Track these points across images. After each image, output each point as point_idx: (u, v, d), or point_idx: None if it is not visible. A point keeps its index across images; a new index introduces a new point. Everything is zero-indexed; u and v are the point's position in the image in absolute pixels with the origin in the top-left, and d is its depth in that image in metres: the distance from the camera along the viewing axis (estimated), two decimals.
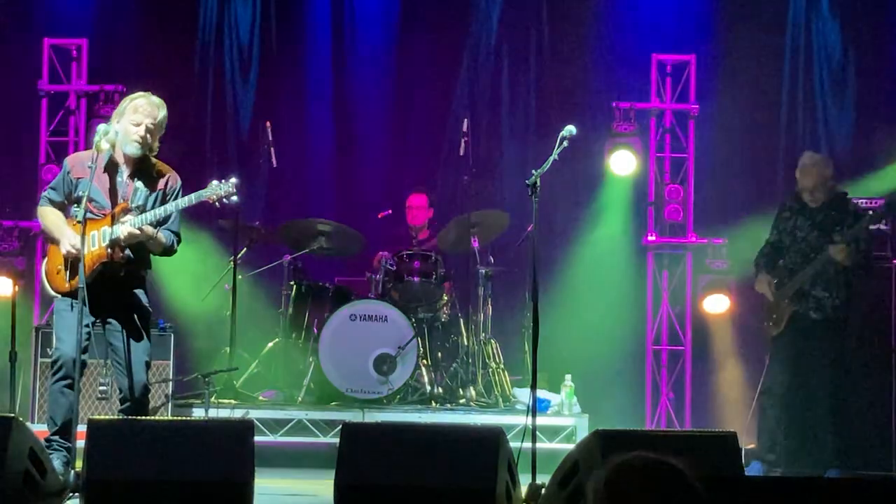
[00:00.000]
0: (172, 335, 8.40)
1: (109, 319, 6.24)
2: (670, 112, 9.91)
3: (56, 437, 6.12)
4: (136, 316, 6.28)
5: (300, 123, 10.45)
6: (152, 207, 6.22)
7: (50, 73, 9.89)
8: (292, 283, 9.04)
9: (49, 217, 6.29)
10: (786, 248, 7.83)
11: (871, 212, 7.73)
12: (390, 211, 9.63)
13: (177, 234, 6.35)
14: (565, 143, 6.16)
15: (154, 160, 6.37)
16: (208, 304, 9.21)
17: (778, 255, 7.89)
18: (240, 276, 8.86)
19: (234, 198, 6.28)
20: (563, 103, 9.84)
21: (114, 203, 6.15)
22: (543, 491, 5.61)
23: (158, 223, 6.25)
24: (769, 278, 7.85)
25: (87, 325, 6.13)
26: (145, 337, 6.32)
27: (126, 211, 6.13)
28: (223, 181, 6.27)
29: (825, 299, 7.64)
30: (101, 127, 6.20)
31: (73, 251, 6.01)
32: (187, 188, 6.40)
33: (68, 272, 6.14)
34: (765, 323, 7.91)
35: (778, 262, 7.87)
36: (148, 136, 6.23)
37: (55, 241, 6.22)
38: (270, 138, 9.12)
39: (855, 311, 7.74)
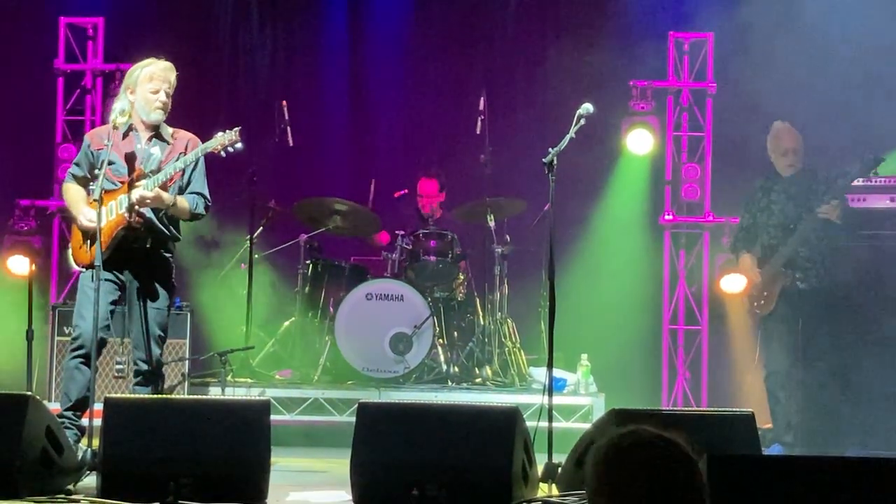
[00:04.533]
0: (189, 314, 8.41)
1: (131, 290, 6.29)
2: (688, 90, 9.86)
3: (69, 414, 6.16)
4: (158, 289, 6.32)
5: (316, 103, 10.43)
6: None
7: (66, 52, 9.91)
8: (308, 262, 9.04)
9: (70, 193, 6.44)
10: (763, 225, 7.81)
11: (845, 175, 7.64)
12: (406, 191, 9.62)
13: (202, 195, 6.38)
14: (582, 122, 6.14)
15: (172, 128, 6.43)
16: (224, 283, 9.22)
17: (753, 236, 7.87)
18: (256, 255, 8.86)
19: (239, 145, 6.33)
20: (579, 81, 9.79)
21: (131, 170, 6.19)
22: (560, 470, 5.60)
23: (180, 189, 6.31)
24: (751, 257, 7.83)
25: (111, 304, 6.18)
26: (165, 311, 6.36)
27: (141, 177, 6.18)
28: (227, 131, 6.31)
29: (810, 269, 7.62)
30: (117, 105, 6.31)
31: (90, 224, 6.07)
32: None
33: (88, 243, 6.21)
34: (753, 304, 7.85)
35: (756, 242, 7.84)
36: (168, 100, 6.33)
37: (73, 218, 6.32)
38: (287, 117, 9.11)
39: (858, 283, 7.71)
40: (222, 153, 6.32)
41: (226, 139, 6.30)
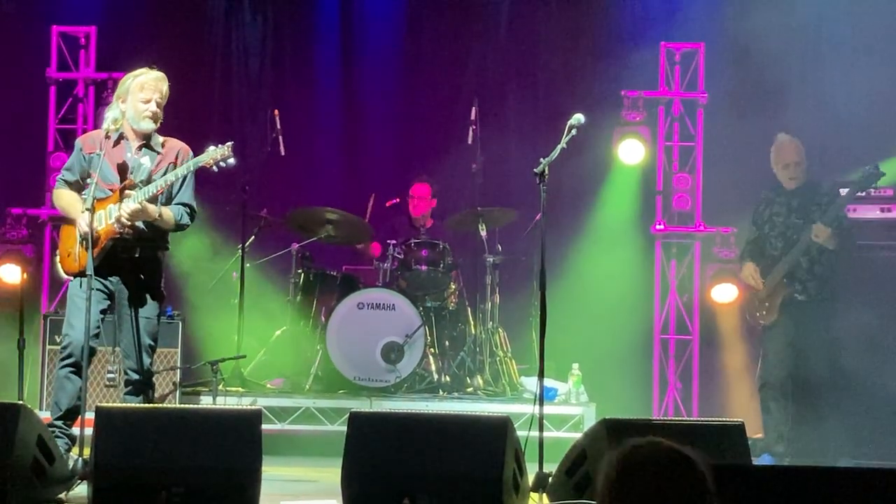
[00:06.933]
0: (180, 323, 8.40)
1: (120, 299, 6.28)
2: (679, 100, 9.87)
3: (59, 423, 6.15)
4: (147, 298, 6.32)
5: (308, 112, 10.44)
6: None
7: (58, 61, 9.90)
8: (300, 271, 9.04)
9: (64, 198, 6.39)
10: (765, 236, 7.83)
11: (846, 189, 7.67)
12: (398, 200, 9.63)
13: (187, 206, 6.39)
14: (573, 132, 6.15)
15: (162, 137, 6.43)
16: (216, 291, 9.21)
17: (760, 248, 7.88)
18: (247, 264, 8.86)
19: (231, 160, 6.32)
20: (571, 91, 9.81)
21: (123, 178, 6.18)
22: (551, 479, 5.61)
23: (167, 199, 6.31)
24: (754, 266, 7.83)
25: (101, 313, 6.18)
26: (154, 320, 6.35)
27: (131, 187, 6.17)
28: (220, 145, 6.30)
29: (808, 281, 7.63)
30: (109, 114, 6.31)
31: (88, 228, 6.03)
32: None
33: (77, 251, 6.18)
34: (756, 314, 7.85)
35: (764, 253, 7.86)
36: (158, 110, 6.32)
37: (71, 221, 6.26)
38: (279, 126, 9.11)
39: (852, 294, 7.71)
40: (214, 168, 6.32)
41: (217, 154, 6.28)
